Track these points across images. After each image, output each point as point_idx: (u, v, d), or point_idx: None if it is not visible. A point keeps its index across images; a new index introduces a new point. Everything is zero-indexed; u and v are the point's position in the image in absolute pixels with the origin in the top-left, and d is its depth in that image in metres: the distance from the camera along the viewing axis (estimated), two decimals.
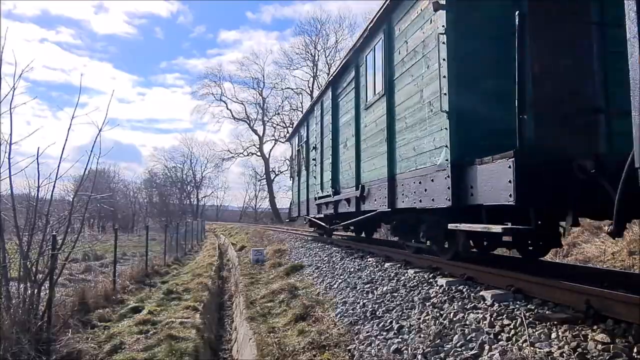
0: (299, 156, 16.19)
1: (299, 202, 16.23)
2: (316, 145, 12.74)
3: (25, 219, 5.76)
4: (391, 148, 6.96)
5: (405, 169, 6.47)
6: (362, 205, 8.53)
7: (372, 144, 7.92)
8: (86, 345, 5.57)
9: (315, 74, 49.79)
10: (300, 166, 16.02)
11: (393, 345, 3.88)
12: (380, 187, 7.44)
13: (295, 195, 17.29)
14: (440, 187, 5.32)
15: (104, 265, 15.15)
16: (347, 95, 9.75)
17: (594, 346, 2.98)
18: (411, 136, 6.25)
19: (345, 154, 9.85)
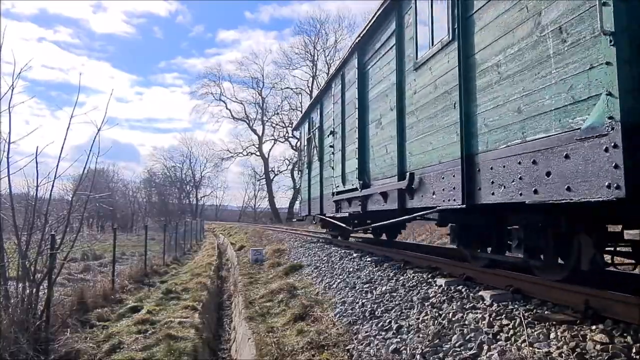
0: (310, 146, 13.72)
1: (310, 199, 13.85)
2: (334, 130, 10.47)
3: (24, 218, 5.75)
4: (468, 114, 4.77)
5: (496, 143, 4.29)
6: (410, 201, 6.28)
7: (428, 114, 5.71)
8: (85, 345, 5.57)
9: (315, 73, 49.85)
10: (310, 157, 13.56)
11: (392, 345, 3.88)
12: (443, 173, 5.24)
13: (304, 192, 14.85)
14: (587, 167, 3.22)
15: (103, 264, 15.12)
16: (381, 60, 7.58)
17: (593, 346, 2.98)
18: (512, 92, 4.08)
19: (379, 134, 7.65)
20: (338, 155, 10.18)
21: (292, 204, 55.29)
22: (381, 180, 7.48)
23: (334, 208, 10.56)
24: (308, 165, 13.98)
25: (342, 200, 9.79)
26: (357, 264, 7.99)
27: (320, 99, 12.51)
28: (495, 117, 4.35)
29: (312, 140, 13.37)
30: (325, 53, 49.49)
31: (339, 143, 10.06)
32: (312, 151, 13.35)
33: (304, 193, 15.09)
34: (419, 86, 6.05)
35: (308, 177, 14.07)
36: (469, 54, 4.79)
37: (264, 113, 54.99)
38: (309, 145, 13.93)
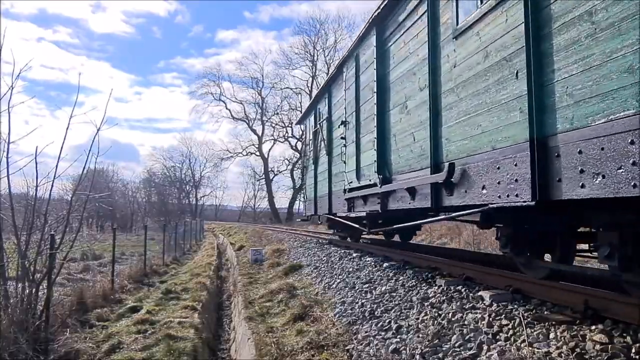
0: (316, 139, 12.47)
1: (316, 197, 12.67)
2: (346, 120, 9.22)
3: (23, 218, 5.75)
4: (539, 84, 3.73)
5: (589, 118, 3.21)
6: (447, 198, 5.17)
7: (475, 90, 4.61)
8: (84, 345, 5.57)
9: (315, 73, 49.86)
10: (317, 152, 12.37)
11: (391, 345, 3.88)
12: (498, 162, 4.18)
13: (310, 190, 13.59)
14: None
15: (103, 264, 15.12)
16: (407, 33, 6.42)
17: (592, 346, 2.99)
18: (618, 44, 2.97)
19: (404, 121, 6.50)
20: (351, 147, 8.84)
21: (291, 204, 55.33)
22: (407, 173, 6.36)
23: (346, 207, 9.28)
24: (314, 161, 12.67)
25: (356, 198, 8.61)
26: (357, 264, 7.99)
27: (329, 87, 11.14)
28: (587, 83, 3.21)
29: (319, 133, 12.00)
30: (325, 53, 49.57)
31: (352, 134, 8.74)
32: (319, 145, 12.01)
33: (309, 191, 13.74)
34: (461, 57, 4.92)
35: (314, 173, 12.75)
36: (541, 4, 3.74)
37: (263, 113, 55.05)
38: (315, 139, 12.55)
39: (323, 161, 11.64)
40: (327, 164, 11.15)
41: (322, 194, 11.84)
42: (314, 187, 12.95)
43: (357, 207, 8.73)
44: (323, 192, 11.73)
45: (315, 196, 12.74)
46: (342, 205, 9.65)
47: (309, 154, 13.81)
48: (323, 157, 11.63)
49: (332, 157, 10.89)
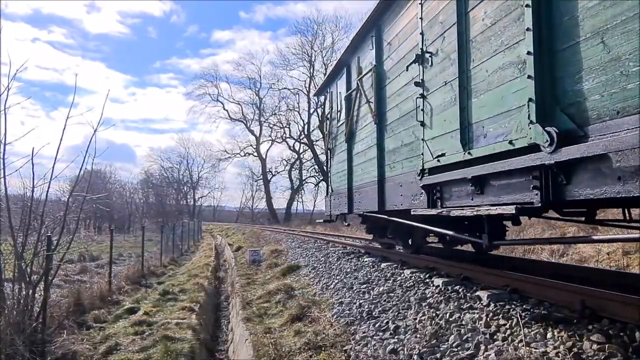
0: (351, 107, 8.79)
1: (351, 189, 8.87)
2: (427, 51, 5.48)
3: (20, 219, 5.73)
4: None
5: None
6: None
7: None
8: (81, 347, 5.55)
9: (312, 74, 49.81)
10: (353, 123, 8.77)
11: (389, 345, 3.88)
12: None
13: (339, 179, 9.77)
14: None
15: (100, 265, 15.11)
16: None
17: (590, 346, 2.99)
18: None
19: None
20: (441, 95, 5.12)
21: (289, 204, 55.30)
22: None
23: (424, 199, 5.56)
24: (348, 138, 8.93)
25: (454, 184, 4.88)
26: (355, 265, 7.99)
27: (377, 21, 7.32)
28: None
29: (356, 96, 8.48)
30: (322, 54, 49.49)
31: (446, 71, 5.05)
32: (356, 113, 8.55)
33: (337, 182, 9.98)
34: None
35: (347, 155, 8.99)
36: None
37: (261, 114, 54.98)
38: (349, 107, 8.92)
39: (365, 134, 7.96)
40: (374, 138, 7.36)
41: (363, 182, 8.10)
42: (347, 175, 9.00)
43: (455, 199, 4.87)
44: (364, 179, 8.02)
45: (350, 187, 8.86)
46: (409, 197, 6.05)
47: (334, 130, 10.20)
48: (365, 128, 7.96)
49: (384, 124, 7.05)
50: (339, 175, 9.87)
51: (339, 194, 9.70)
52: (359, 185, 8.38)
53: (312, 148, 49.16)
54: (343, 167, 9.39)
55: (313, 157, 49.67)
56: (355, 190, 8.60)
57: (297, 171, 54.68)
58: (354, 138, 8.73)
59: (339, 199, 9.67)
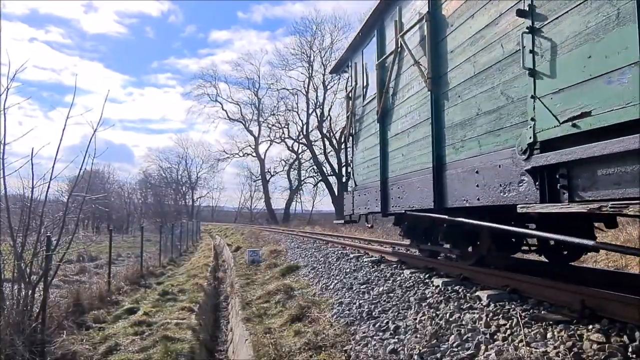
0: (389, 72, 6.76)
1: (384, 181, 7.06)
2: None
3: (19, 219, 5.72)
4: None
5: None
6: None
7: None
8: (81, 347, 5.55)
9: (311, 74, 49.77)
10: (387, 99, 6.93)
11: (389, 345, 3.89)
12: None
13: (364, 170, 8.09)
14: None
15: (99, 266, 15.09)
16: None
17: (590, 346, 3.00)
18: None
19: None
20: (582, 18, 3.22)
21: (288, 204, 55.28)
22: None
23: (528, 190, 3.82)
24: (382, 117, 7.06)
25: (616, 162, 2.92)
26: (354, 265, 7.99)
27: None
28: None
29: (398, 59, 6.50)
30: (321, 54, 49.47)
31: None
32: (395, 82, 6.62)
33: (364, 173, 8.10)
34: None
35: (381, 138, 7.11)
36: None
37: (260, 114, 54.93)
38: (382, 78, 7.04)
39: (410, 108, 6.12)
40: (424, 110, 5.67)
41: (405, 172, 6.29)
42: (379, 165, 7.14)
43: (604, 187, 3.08)
44: (408, 168, 6.21)
45: (384, 180, 7.02)
46: (496, 188, 4.24)
47: (359, 111, 8.28)
48: (409, 100, 6.12)
49: (444, 90, 5.21)
50: (365, 165, 7.99)
51: (366, 188, 7.85)
52: (399, 177, 6.44)
53: (311, 148, 49.14)
54: (373, 154, 7.51)
55: (312, 158, 49.64)
56: (393, 182, 6.67)
57: (296, 171, 54.65)
58: (390, 116, 6.79)
59: (366, 194, 7.80)
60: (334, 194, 46.73)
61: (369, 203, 7.66)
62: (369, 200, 7.66)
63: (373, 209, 7.43)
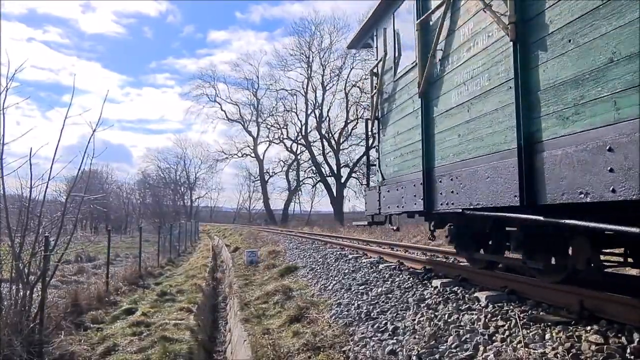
0: (437, 31, 5.17)
1: (429, 171, 5.49)
2: None
3: (17, 219, 5.71)
4: None
5: None
6: None
7: None
8: (79, 347, 5.54)
9: (310, 75, 49.79)
10: (432, 67, 5.42)
11: (388, 346, 3.89)
12: None
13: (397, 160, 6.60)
14: None
15: (97, 266, 15.06)
16: None
17: (588, 347, 3.00)
18: None
19: None
20: None
21: (287, 205, 55.24)
22: None
23: None
24: (425, 91, 5.56)
25: None
26: (353, 266, 7.99)
27: None
28: None
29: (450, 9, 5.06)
30: (320, 55, 49.48)
31: None
32: (447, 42, 5.18)
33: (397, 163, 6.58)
34: None
35: (424, 118, 5.63)
36: None
37: (259, 114, 54.91)
38: (426, 41, 5.59)
39: (472, 72, 4.65)
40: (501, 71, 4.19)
41: (462, 158, 4.76)
42: (421, 151, 5.61)
43: None
44: (466, 153, 4.71)
45: (428, 170, 5.49)
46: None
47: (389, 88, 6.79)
48: (471, 62, 4.67)
49: (537, 38, 3.74)
50: (398, 154, 6.44)
51: (399, 182, 6.28)
52: (452, 165, 4.90)
53: (310, 149, 49.16)
54: (409, 139, 6.00)
55: (310, 158, 49.66)
56: (443, 173, 5.07)
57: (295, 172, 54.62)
58: (438, 87, 5.25)
59: (399, 189, 6.21)
60: (332, 195, 46.77)
61: (404, 200, 6.02)
62: (404, 197, 6.02)
63: (410, 207, 5.84)
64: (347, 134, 46.91)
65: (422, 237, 16.35)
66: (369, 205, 7.39)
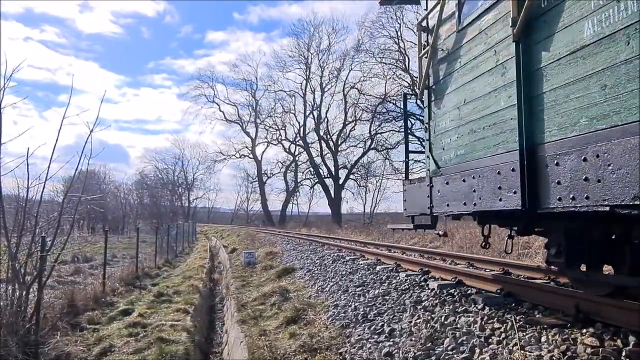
0: None
1: (530, 149, 3.66)
2: None
3: (13, 219, 5.69)
4: None
5: None
6: None
7: None
8: (75, 348, 5.52)
9: (308, 76, 49.81)
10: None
11: (384, 348, 3.89)
12: None
13: (463, 140, 4.62)
14: None
15: (94, 267, 15.02)
16: None
17: (584, 349, 3.01)
18: None
19: None
20: None
21: (284, 206, 55.21)
22: None
23: None
24: (525, 28, 3.72)
25: None
26: (350, 267, 8.00)
27: None
28: None
29: None
30: (318, 56, 49.50)
31: None
32: None
33: (466, 141, 4.59)
34: None
35: (521, 71, 3.78)
36: None
37: (257, 115, 54.90)
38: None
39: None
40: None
41: (619, 123, 2.89)
42: (517, 121, 3.79)
43: None
44: (629, 115, 2.81)
45: (530, 149, 3.69)
46: None
47: (446, 43, 5.07)
48: None
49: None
50: (466, 130, 4.55)
51: (468, 171, 4.43)
52: (588, 136, 3.14)
53: (308, 150, 49.18)
54: (488, 107, 4.21)
55: (308, 160, 49.67)
56: (564, 151, 3.34)
57: (293, 173, 54.60)
58: (552, 21, 3.54)
59: (470, 180, 4.37)
60: (330, 196, 46.76)
61: (478, 195, 4.22)
62: (478, 191, 4.22)
63: (491, 204, 4.03)
64: (345, 136, 46.97)
65: (419, 239, 16.36)
66: (411, 203, 5.73)
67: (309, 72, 49.20)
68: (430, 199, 5.17)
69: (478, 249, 12.03)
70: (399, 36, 35.17)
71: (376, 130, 40.70)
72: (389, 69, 36.54)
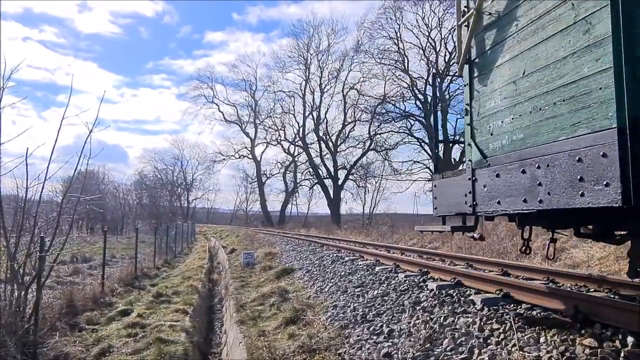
0: None
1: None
2: None
3: (12, 220, 5.68)
4: None
5: None
6: None
7: None
8: (74, 349, 5.51)
9: (308, 77, 49.81)
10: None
11: (383, 349, 3.89)
12: None
13: (523, 119, 3.55)
14: None
15: (93, 267, 15.01)
16: None
17: (582, 350, 3.02)
18: None
19: None
20: None
21: (284, 207, 55.18)
22: None
23: None
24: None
25: None
26: (349, 268, 8.00)
27: None
28: None
29: None
30: (318, 57, 49.50)
31: None
32: None
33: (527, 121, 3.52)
34: None
35: (622, 27, 2.62)
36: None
37: (256, 116, 54.88)
38: None
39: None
40: None
41: None
42: (616, 90, 2.64)
43: None
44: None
45: (635, 127, 2.57)
46: None
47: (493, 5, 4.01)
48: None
49: None
50: (527, 108, 3.55)
51: (527, 160, 3.42)
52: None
53: (307, 151, 49.15)
54: (562, 76, 3.17)
55: (308, 160, 49.66)
56: None
57: (292, 174, 54.57)
58: None
59: (531, 170, 3.36)
60: (329, 197, 46.74)
61: (544, 190, 3.21)
62: (545, 184, 3.21)
63: (568, 200, 3.00)
64: (344, 136, 46.91)
65: (418, 240, 16.37)
66: (444, 201, 4.65)
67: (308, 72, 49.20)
68: (472, 195, 4.15)
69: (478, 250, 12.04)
70: (399, 37, 35.15)
71: (375, 131, 40.67)
72: (389, 69, 36.54)
